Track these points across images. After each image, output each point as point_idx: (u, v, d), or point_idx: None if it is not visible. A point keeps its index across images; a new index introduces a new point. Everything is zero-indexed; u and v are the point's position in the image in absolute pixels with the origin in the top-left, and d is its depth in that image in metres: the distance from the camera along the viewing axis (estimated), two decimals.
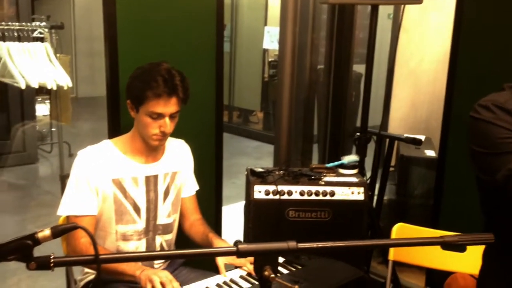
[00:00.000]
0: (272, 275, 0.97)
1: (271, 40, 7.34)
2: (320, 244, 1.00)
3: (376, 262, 3.17)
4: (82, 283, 2.01)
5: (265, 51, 7.73)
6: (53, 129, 6.30)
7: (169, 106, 1.83)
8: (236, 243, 0.98)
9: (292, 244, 0.99)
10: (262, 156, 6.68)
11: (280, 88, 3.05)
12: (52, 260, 0.89)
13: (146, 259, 1.73)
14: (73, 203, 1.86)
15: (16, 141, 5.76)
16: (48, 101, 6.49)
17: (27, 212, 4.62)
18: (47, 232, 0.90)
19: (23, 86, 2.46)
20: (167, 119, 1.84)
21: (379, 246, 1.90)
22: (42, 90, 6.40)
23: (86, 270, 2.01)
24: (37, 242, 0.89)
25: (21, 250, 0.87)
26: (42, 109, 6.72)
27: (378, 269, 3.12)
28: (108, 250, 1.92)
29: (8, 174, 5.48)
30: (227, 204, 2.74)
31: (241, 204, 3.27)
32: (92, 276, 1.99)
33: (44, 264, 0.88)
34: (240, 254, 0.95)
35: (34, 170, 5.82)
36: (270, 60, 7.83)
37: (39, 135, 6.32)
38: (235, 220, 3.13)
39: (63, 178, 2.52)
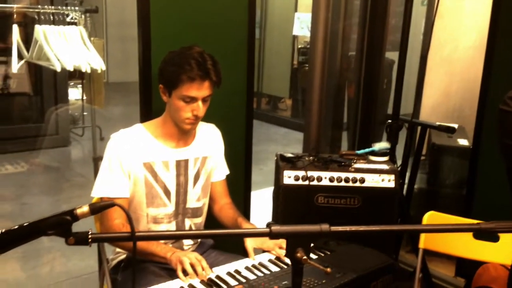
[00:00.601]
0: (305, 257, 0.98)
1: (301, 26, 7.29)
2: (353, 228, 1.00)
3: (405, 251, 3.15)
4: (114, 262, 2.05)
5: (295, 37, 7.68)
6: (84, 113, 6.43)
7: (202, 90, 1.84)
8: (269, 224, 0.98)
9: (325, 227, 0.99)
10: (290, 143, 6.67)
11: (311, 75, 3.03)
12: (90, 236, 0.91)
13: (181, 237, 1.76)
14: (107, 185, 1.90)
15: (50, 124, 5.90)
16: (80, 85, 6.64)
17: (61, 193, 4.75)
18: (85, 208, 0.92)
19: (58, 69, 2.51)
20: (199, 103, 1.85)
21: (413, 231, 1.87)
22: (75, 75, 6.55)
23: (118, 250, 2.05)
24: (76, 218, 0.91)
25: (60, 225, 0.90)
26: (74, 93, 6.85)
27: (406, 258, 3.09)
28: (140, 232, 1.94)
29: (42, 156, 5.62)
30: (254, 190, 2.76)
31: (268, 190, 3.28)
32: (123, 256, 2.03)
33: (82, 239, 0.90)
34: (272, 235, 0.96)
35: (66, 153, 5.96)
36: (299, 46, 7.77)
37: (71, 118, 6.45)
38: (261, 206, 3.14)
39: (96, 161, 2.56)
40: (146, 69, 2.19)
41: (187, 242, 2.05)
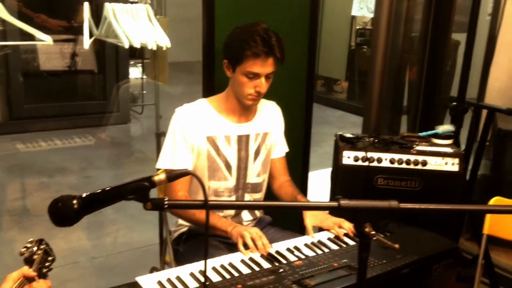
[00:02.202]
0: (373, 232, 0.98)
1: (360, 7, 7.12)
2: (423, 206, 0.99)
3: (464, 239, 3.07)
4: (176, 234, 2.12)
5: (353, 18, 7.51)
6: (144, 92, 6.60)
7: (266, 66, 1.85)
8: (338, 198, 0.99)
9: (393, 203, 0.98)
10: (345, 126, 6.59)
11: (373, 57, 2.97)
12: (166, 202, 0.95)
13: (251, 207, 1.78)
14: (171, 157, 1.95)
15: (111, 102, 6.11)
16: (140, 64, 6.82)
17: (122, 168, 4.94)
18: (162, 176, 0.96)
19: (126, 46, 2.58)
20: (262, 79, 1.87)
21: (483, 211, 1.78)
22: (135, 54, 6.73)
23: (180, 222, 2.12)
24: (153, 184, 0.95)
25: (139, 191, 0.94)
26: (134, 72, 7.04)
27: (466, 246, 3.02)
28: None
29: (104, 132, 5.84)
30: (309, 171, 2.77)
31: (322, 171, 3.27)
32: (185, 229, 2.09)
33: (158, 205, 0.94)
34: (341, 209, 0.97)
35: (126, 130, 6.16)
36: (358, 27, 7.61)
37: (131, 97, 6.64)
38: (316, 187, 3.15)
39: (159, 136, 2.64)
40: (210, 45, 2.23)
41: (246, 218, 2.09)
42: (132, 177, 0.99)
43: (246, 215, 2.09)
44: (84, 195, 0.96)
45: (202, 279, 1.53)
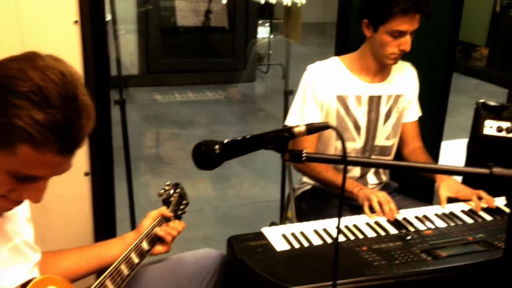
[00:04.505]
0: None
1: None
2: None
3: None
4: (299, 191, 2.14)
5: None
6: (270, 51, 6.66)
7: (413, 23, 1.77)
8: (490, 165, 0.91)
9: None
10: (481, 96, 6.07)
11: None
12: (304, 154, 0.94)
13: (389, 167, 1.72)
14: (300, 115, 1.95)
15: (238, 60, 6.25)
16: (268, 24, 6.85)
17: (247, 124, 5.09)
18: (302, 128, 0.95)
19: (262, 1, 2.60)
20: (407, 37, 1.78)
21: None
22: (264, 14, 6.77)
23: (304, 180, 2.13)
24: (293, 135, 0.95)
25: (279, 140, 0.95)
26: (262, 31, 7.10)
27: None
28: (330, 166, 1.97)
29: (230, 89, 6.04)
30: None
31: (455, 142, 3.06)
32: (309, 187, 2.10)
33: (297, 157, 0.94)
34: (493, 177, 0.89)
35: (252, 88, 6.30)
36: None
37: (257, 55, 6.73)
38: (448, 158, 2.97)
39: (287, 94, 2.65)
40: (346, 2, 2.16)
41: (372, 181, 2.04)
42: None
43: (371, 178, 2.04)
44: (225, 141, 0.99)
45: (326, 237, 1.53)
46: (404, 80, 2.02)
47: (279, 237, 1.52)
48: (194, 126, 4.84)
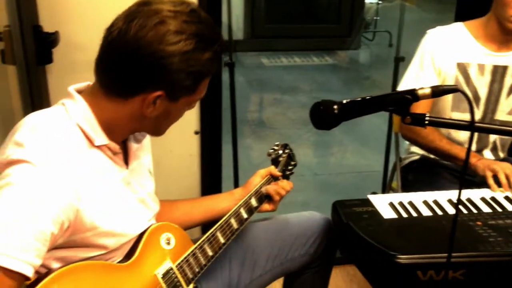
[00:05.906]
0: None
1: None
2: None
3: None
4: (406, 161, 2.07)
5: None
6: (376, 18, 6.41)
7: None
8: None
9: None
10: None
11: None
12: (427, 118, 0.90)
13: None
14: (415, 80, 1.86)
15: (344, 26, 6.09)
16: None
17: (349, 93, 4.98)
18: (427, 90, 0.91)
19: None
20: None
21: None
22: None
23: (412, 150, 2.05)
24: (416, 98, 0.91)
25: (400, 102, 0.91)
26: None
27: None
28: (443, 135, 1.87)
29: (334, 56, 5.92)
30: None
31: None
32: (417, 157, 2.02)
33: (419, 120, 0.90)
34: None
35: (356, 55, 6.14)
36: None
37: (364, 22, 6.52)
38: None
39: (397, 60, 2.53)
40: None
41: (488, 157, 1.91)
42: None
43: (488, 154, 1.92)
44: (345, 101, 0.97)
45: (436, 209, 1.47)
46: None
47: (385, 205, 1.48)
48: (297, 92, 4.84)
